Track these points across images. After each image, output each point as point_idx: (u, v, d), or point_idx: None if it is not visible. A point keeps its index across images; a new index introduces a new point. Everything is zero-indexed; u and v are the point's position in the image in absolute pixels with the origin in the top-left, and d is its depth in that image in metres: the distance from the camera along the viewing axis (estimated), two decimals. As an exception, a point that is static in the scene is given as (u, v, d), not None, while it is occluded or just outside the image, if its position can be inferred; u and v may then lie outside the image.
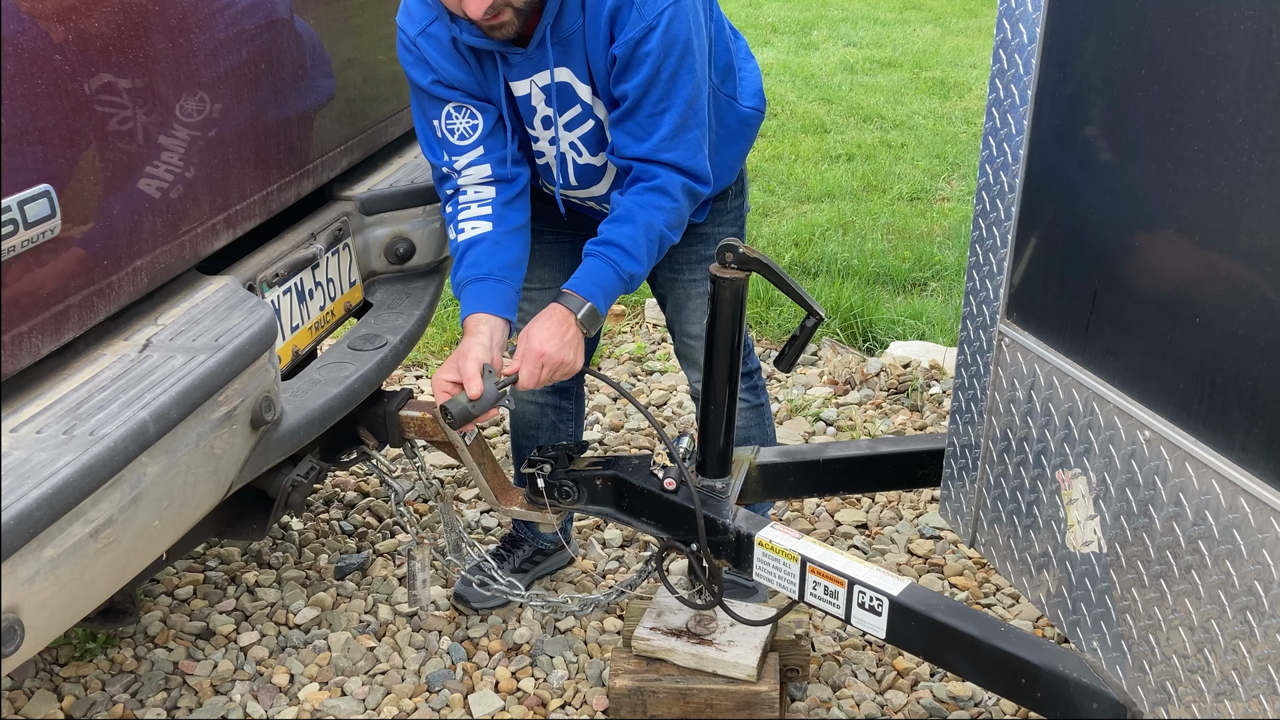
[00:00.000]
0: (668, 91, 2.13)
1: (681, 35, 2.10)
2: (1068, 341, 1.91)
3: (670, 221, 2.21)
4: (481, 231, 2.25)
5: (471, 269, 2.23)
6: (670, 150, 2.17)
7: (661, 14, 2.08)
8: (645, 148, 2.17)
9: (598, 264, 2.19)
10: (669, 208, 2.19)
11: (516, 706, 2.54)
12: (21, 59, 1.61)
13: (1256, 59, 1.49)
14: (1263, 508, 1.54)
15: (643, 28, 2.08)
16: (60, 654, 2.66)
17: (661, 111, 2.14)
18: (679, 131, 2.16)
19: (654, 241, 2.20)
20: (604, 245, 2.19)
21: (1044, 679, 1.92)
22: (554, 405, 2.73)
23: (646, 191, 2.19)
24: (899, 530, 3.09)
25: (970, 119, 6.81)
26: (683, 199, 2.21)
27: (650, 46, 2.09)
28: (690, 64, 2.14)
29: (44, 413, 1.67)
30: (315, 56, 2.38)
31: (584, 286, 2.18)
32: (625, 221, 2.19)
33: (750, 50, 2.49)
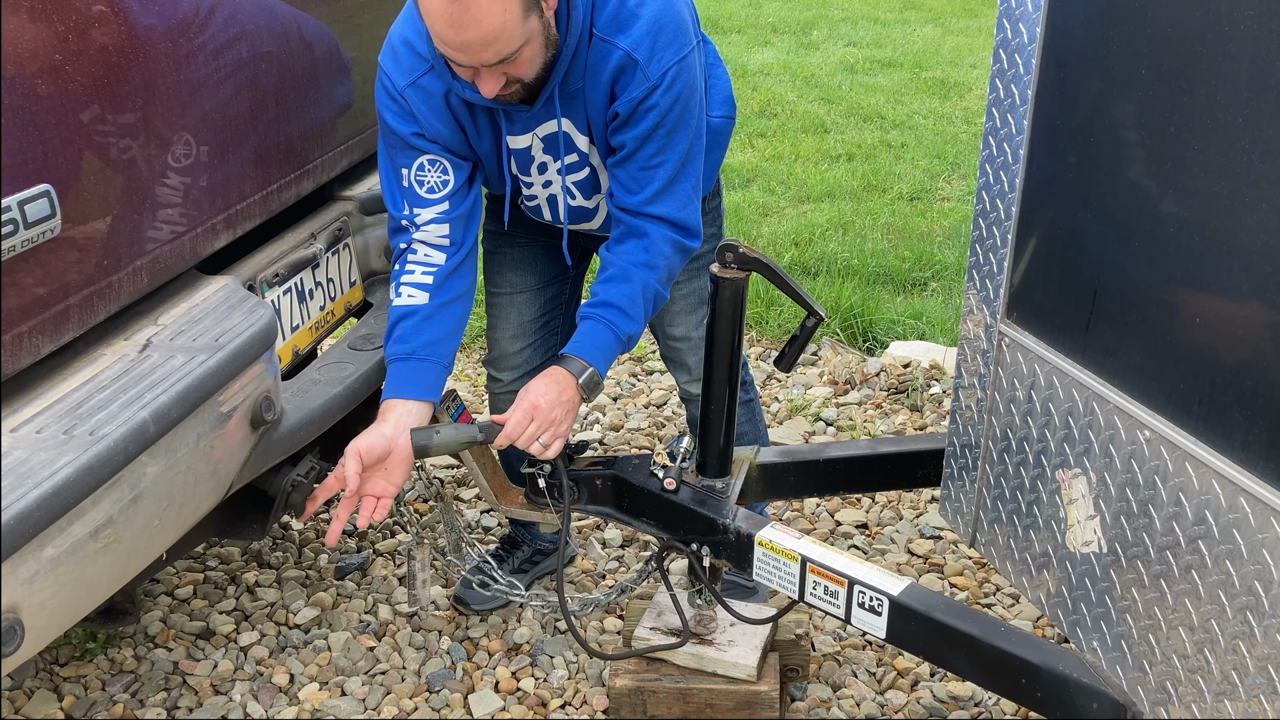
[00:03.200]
0: (664, 146, 2.12)
1: (684, 93, 2.10)
2: (1068, 341, 1.91)
3: (662, 278, 2.21)
4: (416, 303, 2.21)
5: (397, 345, 2.21)
6: (661, 204, 2.15)
7: (666, 73, 2.07)
8: (637, 200, 2.15)
9: (597, 327, 2.17)
10: (661, 265, 2.18)
11: (516, 706, 2.54)
12: (21, 59, 1.61)
13: (1256, 59, 1.49)
14: (1263, 508, 1.54)
15: (647, 87, 2.07)
16: (60, 654, 2.66)
17: (656, 165, 2.13)
18: (671, 184, 2.15)
19: (649, 300, 2.20)
20: (601, 307, 2.17)
21: (1044, 679, 1.92)
22: None
23: (639, 250, 2.17)
24: (899, 530, 3.09)
25: (970, 119, 6.81)
26: (673, 255, 2.20)
27: (652, 103, 2.08)
28: (688, 120, 2.13)
29: (44, 413, 1.67)
30: (315, 56, 2.38)
31: (585, 350, 2.17)
32: (621, 281, 2.17)
33: (718, 54, 2.46)
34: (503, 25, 1.89)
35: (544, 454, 2.17)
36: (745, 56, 8.32)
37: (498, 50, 1.92)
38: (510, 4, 1.88)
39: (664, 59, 2.07)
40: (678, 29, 2.09)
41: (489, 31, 1.89)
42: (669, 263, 2.20)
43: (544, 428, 2.14)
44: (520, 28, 1.91)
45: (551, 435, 2.15)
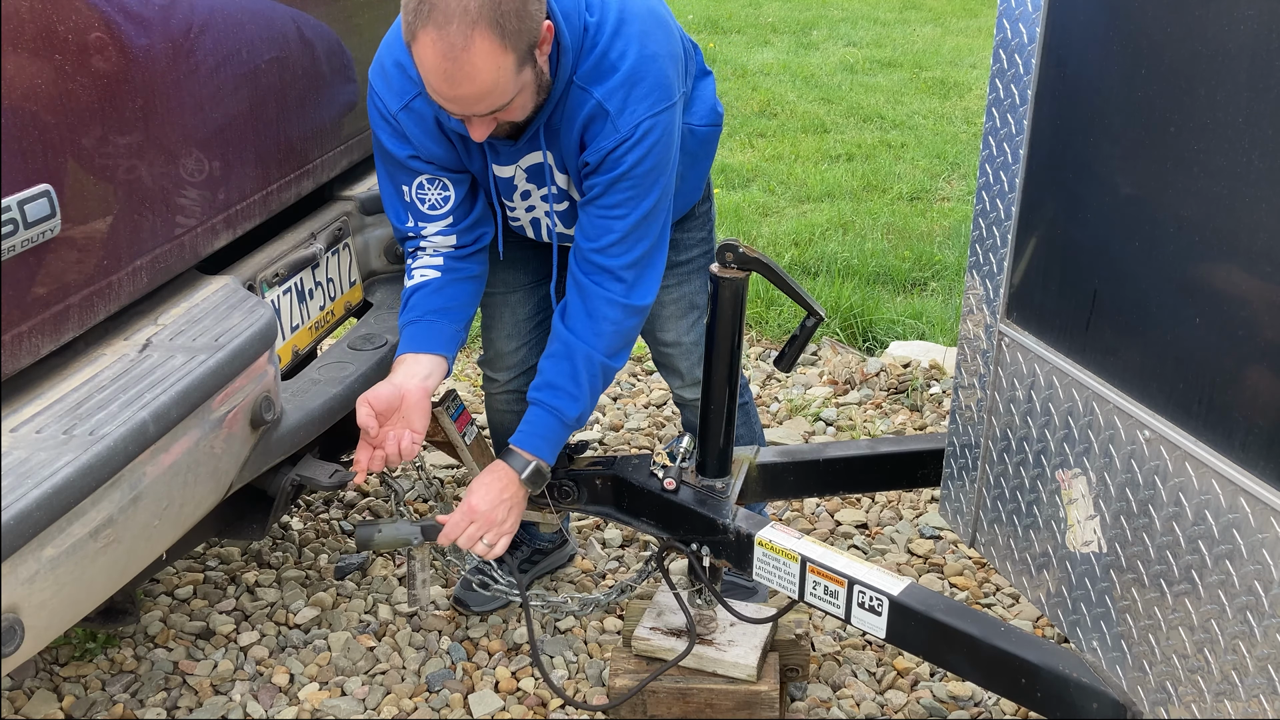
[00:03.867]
0: (627, 199, 2.08)
1: (654, 149, 2.06)
2: (1068, 341, 1.91)
3: (610, 348, 2.16)
4: (429, 278, 2.23)
5: (408, 313, 2.22)
6: (613, 257, 2.11)
7: (637, 127, 2.03)
8: (591, 245, 2.12)
9: (541, 414, 2.15)
10: (607, 332, 2.14)
11: (516, 706, 2.54)
12: (21, 59, 1.61)
13: (1256, 59, 1.49)
14: (1263, 508, 1.54)
15: (616, 139, 2.04)
16: (60, 654, 2.66)
17: (617, 217, 2.09)
18: (627, 239, 2.11)
19: (595, 375, 2.16)
20: (545, 390, 2.15)
21: (1044, 679, 1.92)
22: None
23: (583, 318, 2.14)
24: (899, 530, 3.09)
25: (970, 119, 6.81)
26: (622, 320, 2.15)
27: (619, 155, 2.05)
28: (657, 177, 2.09)
29: (44, 413, 1.67)
30: (316, 56, 2.38)
31: (529, 442, 2.15)
32: (564, 358, 2.14)
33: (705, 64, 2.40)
34: (496, 80, 1.87)
35: (488, 554, 2.14)
36: (745, 56, 8.32)
37: (491, 103, 1.91)
38: (504, 59, 1.85)
39: (636, 112, 2.03)
40: (656, 83, 2.04)
41: (483, 87, 1.87)
42: (616, 329, 2.15)
43: (485, 528, 2.13)
44: (514, 81, 1.90)
45: (495, 535, 2.13)
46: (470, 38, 1.81)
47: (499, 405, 2.68)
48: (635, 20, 2.04)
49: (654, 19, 2.08)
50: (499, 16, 1.82)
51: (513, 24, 1.84)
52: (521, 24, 1.85)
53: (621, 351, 2.19)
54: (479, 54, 1.83)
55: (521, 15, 1.85)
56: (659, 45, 2.06)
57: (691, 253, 2.48)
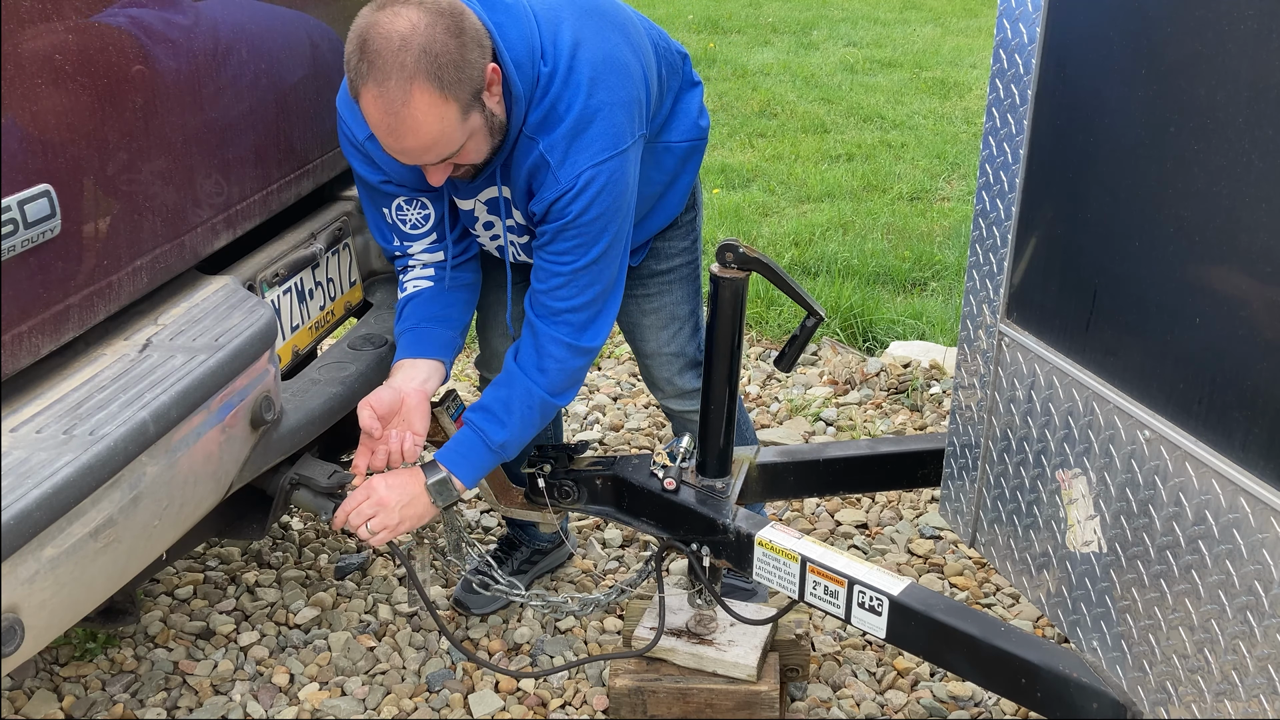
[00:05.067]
0: (574, 248, 2.06)
1: (598, 198, 2.02)
2: (1068, 341, 1.91)
3: (554, 385, 2.15)
4: (422, 288, 2.25)
5: (404, 322, 2.24)
6: (561, 300, 2.10)
7: (578, 177, 2.00)
8: (541, 287, 2.11)
9: (468, 435, 2.15)
10: (552, 369, 2.13)
11: (516, 706, 2.54)
12: (21, 59, 1.61)
13: (1256, 59, 1.49)
14: (1263, 508, 1.54)
15: (557, 190, 2.02)
16: (60, 654, 2.66)
17: (565, 264, 2.08)
18: (575, 283, 2.09)
19: (533, 409, 2.15)
20: (476, 411, 2.15)
21: (1044, 679, 1.92)
22: None
23: (531, 353, 2.14)
24: (899, 530, 3.09)
25: (970, 119, 6.81)
26: (568, 359, 2.14)
27: (563, 206, 2.03)
28: (605, 226, 2.05)
29: (44, 412, 1.67)
30: (316, 56, 2.38)
31: (448, 457, 2.15)
32: (505, 385, 2.15)
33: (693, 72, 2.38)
34: (440, 131, 1.87)
35: (369, 540, 2.11)
36: (745, 56, 8.32)
37: (439, 152, 1.91)
38: (446, 110, 1.85)
39: (577, 163, 2.00)
40: (601, 133, 2.01)
41: (427, 139, 1.87)
42: (561, 367, 2.14)
43: (375, 509, 2.10)
44: (459, 129, 1.89)
45: (380, 523, 2.10)
46: (409, 93, 1.81)
47: None
48: (585, 67, 2.00)
49: (609, 64, 2.03)
50: (436, 69, 1.81)
51: (451, 74, 1.83)
52: (461, 73, 1.84)
53: (567, 390, 2.18)
54: (419, 108, 1.83)
55: (460, 65, 1.84)
56: (608, 93, 2.02)
57: (673, 262, 2.46)
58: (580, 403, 3.73)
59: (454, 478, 2.13)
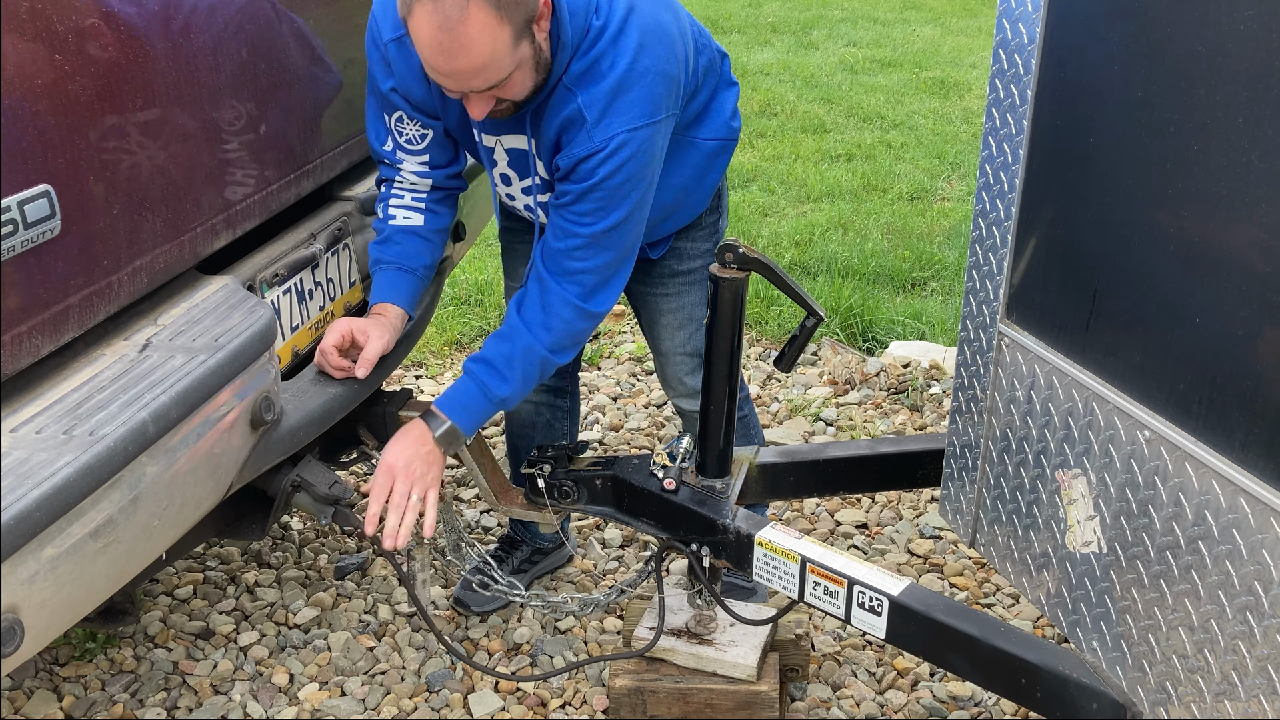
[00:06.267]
0: (596, 210, 2.07)
1: (628, 165, 2.03)
2: (1068, 341, 1.91)
3: (557, 344, 2.16)
4: (414, 224, 2.30)
5: (402, 258, 2.29)
6: (576, 261, 2.11)
7: (611, 139, 2.01)
8: (556, 247, 2.12)
9: (468, 384, 2.17)
10: (557, 328, 2.14)
11: (516, 706, 2.54)
12: (21, 60, 1.61)
13: (1256, 59, 1.49)
14: (1263, 508, 1.54)
15: (589, 148, 2.02)
16: (60, 654, 2.66)
17: (585, 224, 2.08)
18: (591, 247, 2.10)
19: (533, 365, 2.16)
20: (478, 363, 2.17)
21: (1044, 679, 1.92)
22: (549, 404, 2.73)
23: (537, 309, 2.14)
24: (899, 530, 3.09)
25: (970, 119, 6.81)
26: (574, 321, 2.15)
27: (592, 166, 2.03)
28: (628, 193, 2.06)
29: (44, 413, 1.67)
30: (315, 56, 2.38)
31: (449, 406, 2.17)
32: (507, 340, 2.16)
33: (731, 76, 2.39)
34: (492, 54, 1.87)
35: (420, 509, 2.14)
36: (745, 56, 8.32)
37: (488, 78, 1.91)
38: (500, 32, 1.85)
39: (613, 125, 2.01)
40: (642, 99, 2.02)
41: (478, 61, 1.87)
42: (567, 328, 2.15)
43: (409, 483, 2.13)
44: (510, 56, 1.89)
45: (421, 488, 2.14)
46: (465, 9, 1.82)
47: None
48: (636, 32, 2.02)
49: (658, 34, 2.05)
50: None
51: None
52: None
53: (568, 349, 2.20)
54: (474, 26, 1.83)
55: None
56: (653, 61, 2.03)
57: (695, 263, 2.46)
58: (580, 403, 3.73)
59: (455, 426, 2.17)
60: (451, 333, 4.16)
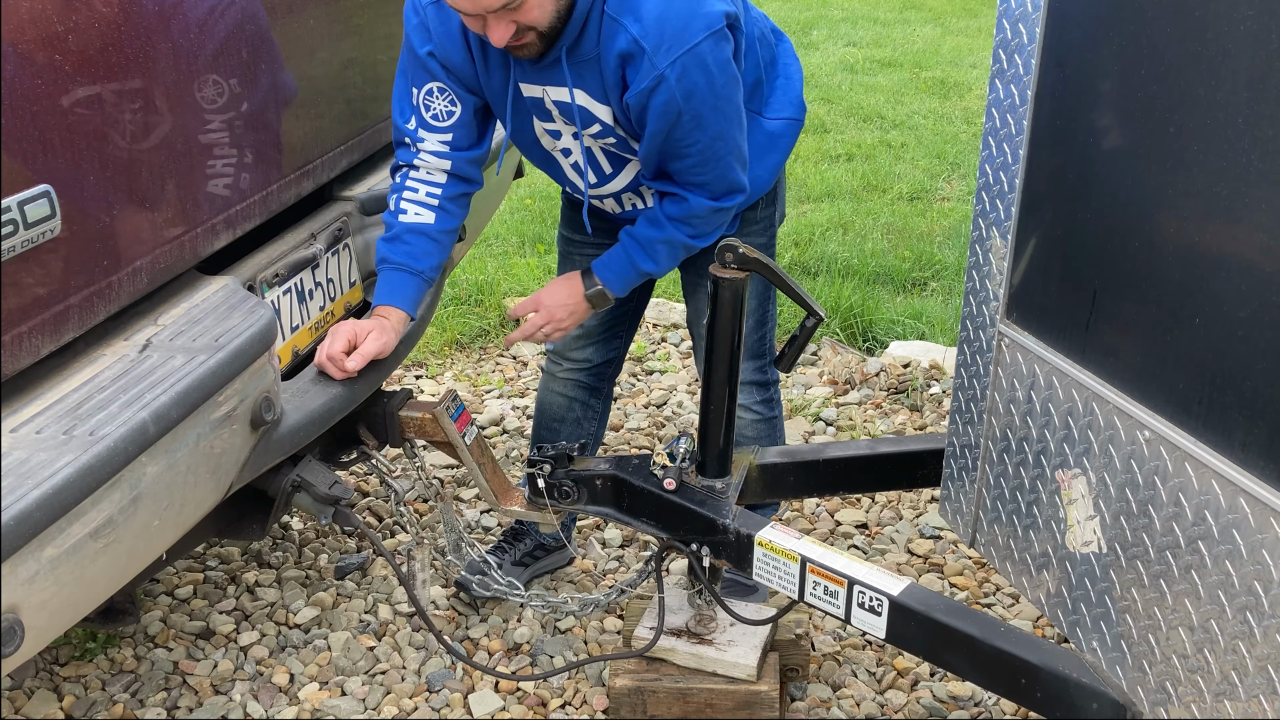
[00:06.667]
0: (690, 130, 2.09)
1: (699, 82, 2.03)
2: (1068, 341, 1.91)
3: (695, 232, 2.26)
4: (424, 221, 2.31)
5: (409, 259, 2.30)
6: (696, 176, 2.18)
7: (675, 62, 2.00)
8: (676, 166, 2.18)
9: (619, 254, 2.32)
10: (696, 223, 2.24)
11: (516, 706, 2.54)
12: (21, 59, 1.61)
13: (1256, 59, 1.49)
14: (1263, 508, 1.54)
15: (654, 77, 2.01)
16: (60, 654, 2.66)
17: (687, 147, 2.12)
18: (704, 162, 2.15)
19: (675, 249, 2.30)
20: (630, 238, 2.30)
21: (1044, 679, 1.92)
22: (582, 401, 2.75)
23: (676, 207, 2.23)
24: (899, 530, 3.09)
25: (970, 119, 6.81)
26: (711, 216, 2.25)
27: (665, 94, 2.03)
28: (713, 103, 2.07)
29: (44, 413, 1.67)
30: (315, 56, 2.38)
31: (602, 270, 2.33)
32: (653, 225, 2.27)
33: (795, 52, 2.43)
34: None
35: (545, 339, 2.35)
36: (745, 56, 8.30)
37: None
38: None
39: (672, 48, 1.99)
40: (691, 16, 2.00)
41: None
42: (706, 221, 2.24)
43: (546, 320, 2.36)
44: None
45: (553, 328, 2.36)
46: None
47: (554, 387, 2.76)
48: None
49: None
50: None
51: None
52: None
53: (710, 236, 2.29)
54: None
55: None
56: None
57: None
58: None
59: (606, 289, 2.33)
60: (451, 333, 4.16)
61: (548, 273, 4.66)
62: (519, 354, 4.09)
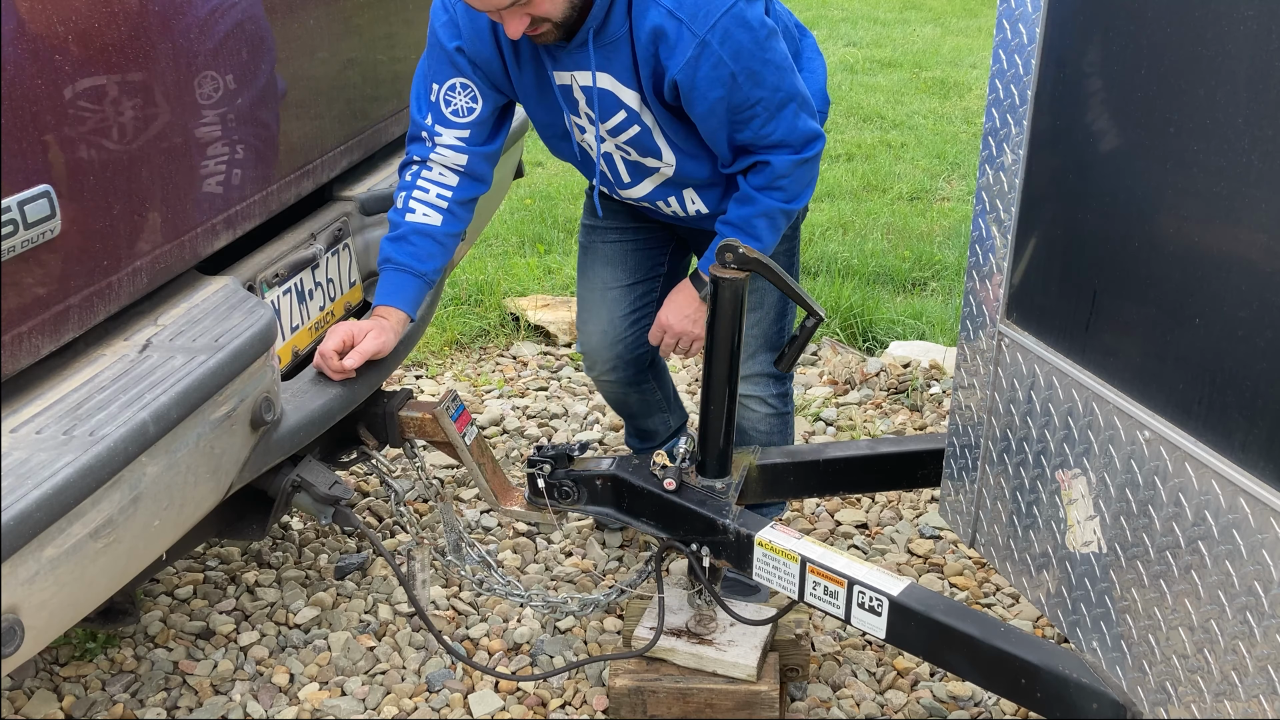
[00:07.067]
0: (749, 91, 2.09)
1: (744, 41, 2.05)
2: (1068, 341, 1.91)
3: (788, 196, 2.25)
4: (431, 223, 2.30)
5: (413, 260, 2.30)
6: (770, 135, 2.17)
7: (714, 26, 2.02)
8: (744, 140, 2.17)
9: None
10: (784, 182, 2.22)
11: (516, 706, 2.54)
12: (21, 59, 1.61)
13: (1256, 59, 1.50)
14: (1263, 508, 1.54)
15: (696, 45, 2.03)
16: (60, 654, 2.66)
17: (751, 108, 2.12)
18: (773, 117, 2.15)
19: (775, 219, 2.27)
20: (725, 225, 2.27)
21: (1044, 679, 1.92)
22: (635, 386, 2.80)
23: (762, 176, 2.22)
24: (899, 530, 3.09)
25: (970, 119, 6.81)
26: (796, 170, 2.22)
27: (710, 61, 2.04)
28: (763, 56, 2.08)
29: (44, 413, 1.67)
30: (315, 56, 2.38)
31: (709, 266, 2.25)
32: (745, 204, 2.25)
33: (818, 48, 2.46)
34: None
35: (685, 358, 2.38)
36: (745, 56, 8.31)
37: None
38: None
39: (710, 12, 2.02)
40: None
41: None
42: (794, 179, 2.23)
43: (679, 338, 2.35)
44: None
45: (686, 342, 2.35)
46: None
47: (604, 388, 2.81)
48: None
49: None
50: None
51: None
52: None
53: (803, 194, 2.28)
54: None
55: None
56: None
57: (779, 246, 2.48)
58: (580, 403, 3.73)
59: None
60: (451, 333, 4.16)
61: (547, 273, 4.66)
62: (519, 354, 4.09)
